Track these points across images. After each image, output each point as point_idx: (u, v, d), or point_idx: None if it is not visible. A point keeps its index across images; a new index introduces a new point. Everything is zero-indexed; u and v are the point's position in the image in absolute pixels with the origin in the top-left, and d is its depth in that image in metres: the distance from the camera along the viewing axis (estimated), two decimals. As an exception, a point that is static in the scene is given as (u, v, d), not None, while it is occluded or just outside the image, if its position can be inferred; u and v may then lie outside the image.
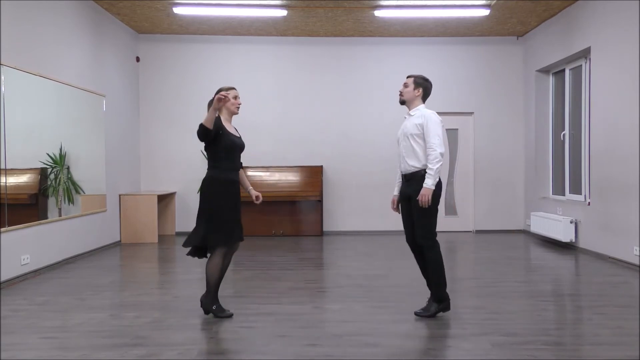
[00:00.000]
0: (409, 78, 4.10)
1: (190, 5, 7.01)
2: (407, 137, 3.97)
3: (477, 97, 8.73)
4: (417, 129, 3.92)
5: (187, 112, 8.51)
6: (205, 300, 3.99)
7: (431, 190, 3.83)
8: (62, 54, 6.14)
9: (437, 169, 3.83)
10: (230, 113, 4.02)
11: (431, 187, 3.82)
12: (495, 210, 8.75)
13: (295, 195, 8.24)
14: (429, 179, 3.82)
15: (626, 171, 5.84)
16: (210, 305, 3.97)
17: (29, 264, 5.40)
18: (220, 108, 3.86)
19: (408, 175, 3.99)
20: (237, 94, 4.02)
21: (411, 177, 3.96)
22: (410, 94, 4.04)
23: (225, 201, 3.89)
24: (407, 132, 3.99)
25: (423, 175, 3.88)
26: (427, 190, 3.82)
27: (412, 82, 4.05)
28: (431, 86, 4.11)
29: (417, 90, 4.03)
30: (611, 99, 6.18)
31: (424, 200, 3.82)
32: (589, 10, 6.62)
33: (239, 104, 4.02)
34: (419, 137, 3.91)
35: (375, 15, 7.38)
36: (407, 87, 4.06)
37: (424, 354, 3.25)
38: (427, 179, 3.83)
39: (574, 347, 3.37)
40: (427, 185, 3.82)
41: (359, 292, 4.73)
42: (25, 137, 5.50)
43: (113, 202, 7.50)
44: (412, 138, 3.93)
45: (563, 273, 5.77)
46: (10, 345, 3.38)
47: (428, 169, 3.84)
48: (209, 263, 3.93)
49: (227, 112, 3.99)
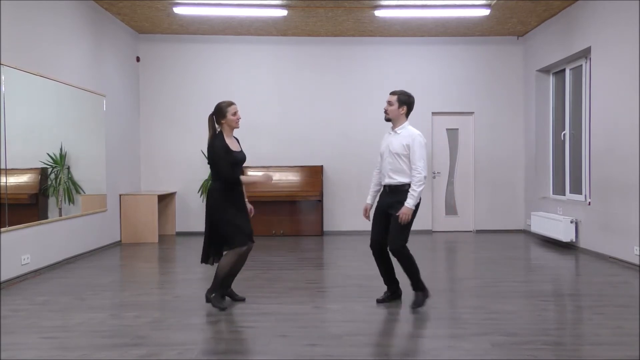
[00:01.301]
0: (392, 95, 4.22)
1: (191, 5, 7.01)
2: (394, 155, 4.13)
3: (477, 97, 8.73)
4: (404, 150, 4.09)
5: (187, 112, 8.52)
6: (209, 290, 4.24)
7: (412, 210, 4.02)
8: (62, 54, 6.14)
9: (420, 191, 4.05)
10: (232, 128, 4.22)
11: (412, 207, 4.01)
12: (496, 210, 8.75)
13: (296, 195, 8.24)
14: (411, 199, 4.01)
15: (626, 171, 5.84)
16: (210, 293, 4.20)
17: (29, 264, 5.40)
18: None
19: (392, 187, 4.16)
20: (236, 109, 4.22)
21: (395, 189, 4.14)
22: (395, 112, 4.19)
23: (236, 207, 4.17)
24: (393, 151, 4.14)
25: (407, 190, 4.05)
26: (408, 210, 4.01)
27: (396, 100, 4.18)
28: (414, 101, 4.26)
29: (402, 109, 4.19)
30: (611, 98, 6.18)
31: (404, 219, 4.01)
32: (589, 10, 6.62)
33: (238, 119, 4.22)
34: (405, 157, 4.11)
35: (376, 15, 7.38)
36: (392, 106, 4.19)
37: (424, 354, 3.25)
38: (410, 199, 4.01)
39: (574, 347, 3.37)
40: (409, 205, 4.01)
41: (359, 292, 4.73)
42: (25, 137, 5.50)
43: (113, 202, 7.50)
44: (399, 157, 4.11)
45: (563, 273, 5.77)
46: (10, 345, 3.38)
47: (412, 189, 4.03)
48: (223, 258, 4.15)
49: (228, 128, 4.19)
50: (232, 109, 4.15)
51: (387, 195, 4.19)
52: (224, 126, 4.16)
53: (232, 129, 4.22)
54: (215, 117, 4.19)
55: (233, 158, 4.13)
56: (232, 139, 4.25)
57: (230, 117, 4.14)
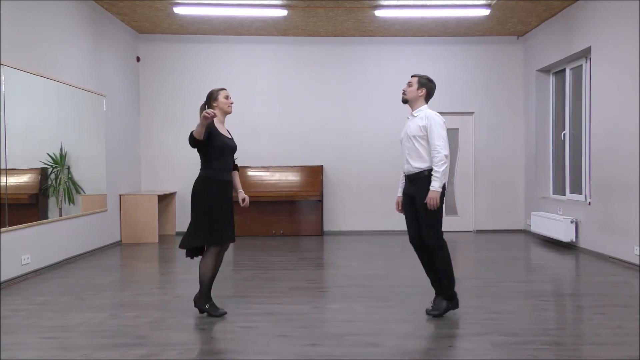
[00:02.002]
0: (413, 77, 4.09)
1: (191, 5, 7.00)
2: (411, 139, 3.95)
3: (477, 97, 8.72)
4: (420, 131, 3.90)
5: (187, 112, 8.50)
6: (199, 300, 4.03)
7: (439, 193, 3.79)
8: (62, 54, 6.14)
9: (442, 171, 3.79)
10: (224, 113, 4.05)
11: (438, 189, 3.78)
12: (496, 210, 8.75)
13: (296, 195, 8.24)
14: (436, 181, 3.78)
15: (626, 171, 5.84)
16: (204, 304, 4.01)
17: (30, 264, 5.40)
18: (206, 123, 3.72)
19: (412, 175, 3.96)
20: (227, 93, 4.05)
21: (415, 177, 3.93)
22: (414, 93, 4.02)
23: (217, 201, 3.90)
24: (410, 134, 3.96)
25: (427, 176, 3.85)
26: (435, 194, 3.78)
27: (417, 81, 4.04)
28: (435, 87, 4.10)
29: (421, 90, 4.02)
30: (611, 98, 6.17)
31: (432, 204, 3.78)
32: (589, 10, 6.62)
33: (231, 103, 4.05)
34: (422, 139, 3.89)
35: (376, 15, 7.38)
36: (411, 87, 4.04)
37: (424, 354, 3.25)
38: (434, 181, 3.79)
39: (574, 347, 3.36)
40: (434, 188, 3.78)
41: (359, 292, 4.73)
42: (25, 137, 5.50)
43: (113, 202, 7.50)
44: (416, 140, 3.91)
45: (563, 273, 5.77)
46: (10, 345, 3.38)
47: (434, 171, 3.80)
48: (201, 263, 3.97)
49: (220, 112, 4.01)
50: (224, 93, 4.00)
51: (409, 186, 3.99)
52: (216, 110, 3.97)
53: (225, 114, 4.04)
54: (207, 103, 4.04)
55: (221, 142, 3.90)
56: (223, 126, 4.07)
57: (222, 100, 3.97)
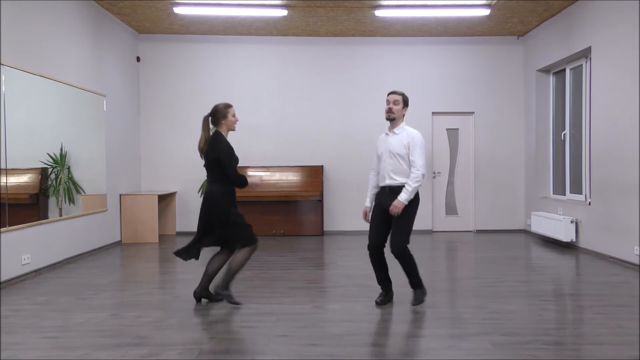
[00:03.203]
0: (396, 95, 4.19)
1: (191, 5, 7.01)
2: (394, 156, 4.11)
3: (477, 96, 8.73)
4: (404, 149, 4.09)
5: (187, 112, 8.52)
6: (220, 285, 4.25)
7: (404, 205, 4.01)
8: (62, 54, 6.14)
9: (415, 187, 4.03)
10: (229, 130, 4.32)
11: (405, 202, 4.01)
12: (496, 210, 8.75)
13: (296, 195, 8.24)
14: (405, 194, 4.01)
15: (626, 171, 5.84)
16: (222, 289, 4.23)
17: (30, 264, 5.40)
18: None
19: (394, 187, 4.12)
20: (235, 111, 4.32)
21: (397, 189, 4.10)
22: (400, 112, 4.19)
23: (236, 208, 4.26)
24: (394, 151, 4.12)
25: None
26: (401, 204, 4.01)
27: (402, 100, 4.18)
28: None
29: (405, 109, 4.21)
30: (612, 98, 6.18)
31: (395, 212, 4.02)
32: (589, 10, 6.62)
33: (237, 121, 4.32)
34: (406, 156, 4.09)
35: (376, 15, 7.38)
36: (398, 105, 4.16)
37: (424, 353, 3.25)
38: (404, 193, 4.01)
39: (574, 347, 3.37)
40: (402, 199, 4.01)
41: (359, 292, 4.73)
42: (25, 137, 5.50)
43: (114, 202, 7.51)
44: (400, 157, 4.10)
45: (563, 273, 5.77)
46: (11, 345, 3.38)
47: (407, 185, 4.03)
48: (238, 257, 4.21)
49: (226, 128, 4.28)
50: (232, 111, 4.26)
51: (388, 196, 4.14)
52: (223, 127, 4.23)
53: (229, 130, 4.30)
54: (214, 118, 4.25)
55: (236, 159, 4.24)
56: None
57: (230, 119, 4.24)
